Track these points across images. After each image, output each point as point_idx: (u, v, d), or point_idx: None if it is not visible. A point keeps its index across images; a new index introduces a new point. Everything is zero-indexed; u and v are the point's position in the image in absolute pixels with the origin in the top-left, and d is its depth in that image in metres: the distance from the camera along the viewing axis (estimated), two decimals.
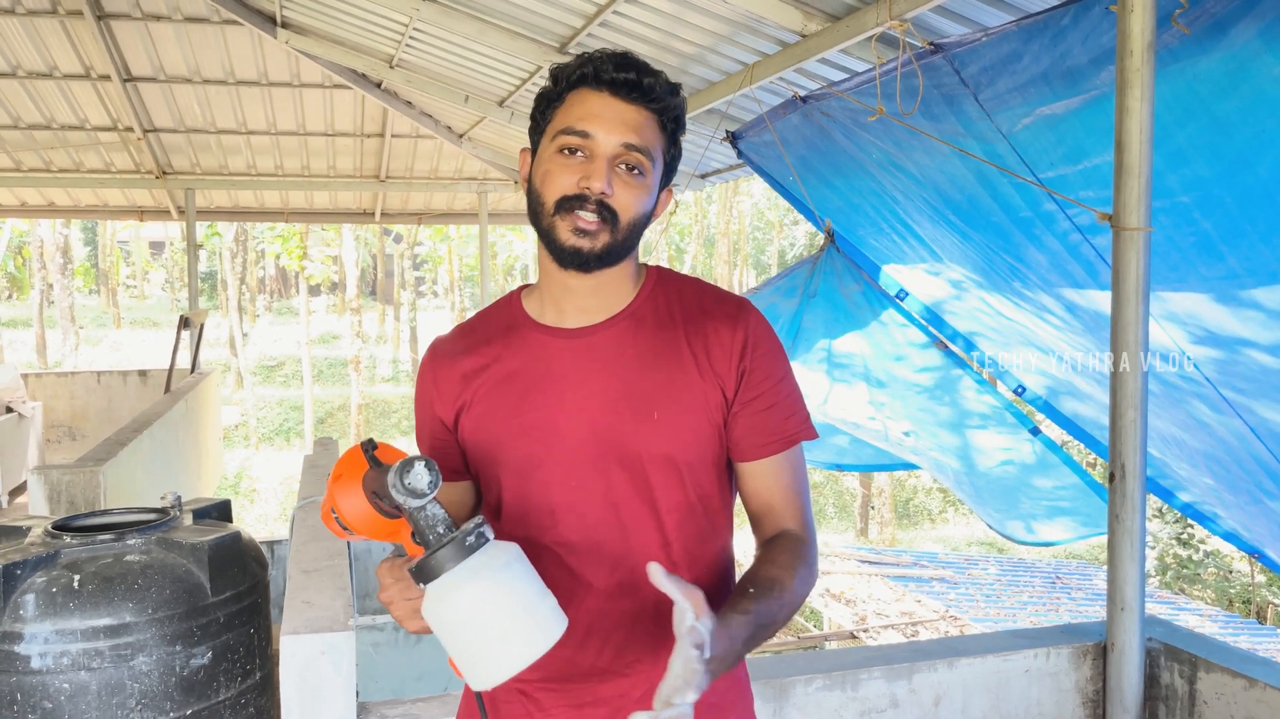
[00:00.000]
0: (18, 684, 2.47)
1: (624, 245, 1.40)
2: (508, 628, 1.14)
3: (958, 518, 24.16)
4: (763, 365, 1.45)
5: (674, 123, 1.44)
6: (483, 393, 1.46)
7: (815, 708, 2.62)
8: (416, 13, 6.26)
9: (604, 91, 1.38)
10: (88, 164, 10.99)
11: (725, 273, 32.83)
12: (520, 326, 1.49)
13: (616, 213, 1.37)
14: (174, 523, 2.88)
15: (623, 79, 1.38)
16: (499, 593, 1.14)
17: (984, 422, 5.25)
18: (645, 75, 1.39)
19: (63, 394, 11.96)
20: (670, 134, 1.44)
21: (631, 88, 1.38)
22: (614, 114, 1.37)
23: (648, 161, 1.38)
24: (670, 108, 1.42)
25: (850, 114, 4.01)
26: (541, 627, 1.16)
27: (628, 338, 1.44)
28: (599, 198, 1.36)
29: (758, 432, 1.46)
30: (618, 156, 1.37)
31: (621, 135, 1.37)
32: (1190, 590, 15.25)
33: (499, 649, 1.14)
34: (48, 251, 30.98)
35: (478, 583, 1.14)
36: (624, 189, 1.37)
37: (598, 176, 1.35)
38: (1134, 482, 2.63)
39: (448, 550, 1.14)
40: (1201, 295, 3.10)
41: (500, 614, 1.14)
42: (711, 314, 1.46)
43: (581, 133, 1.37)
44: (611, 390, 1.42)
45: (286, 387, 33.79)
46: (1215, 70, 2.51)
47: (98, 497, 5.47)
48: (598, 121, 1.37)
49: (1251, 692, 2.53)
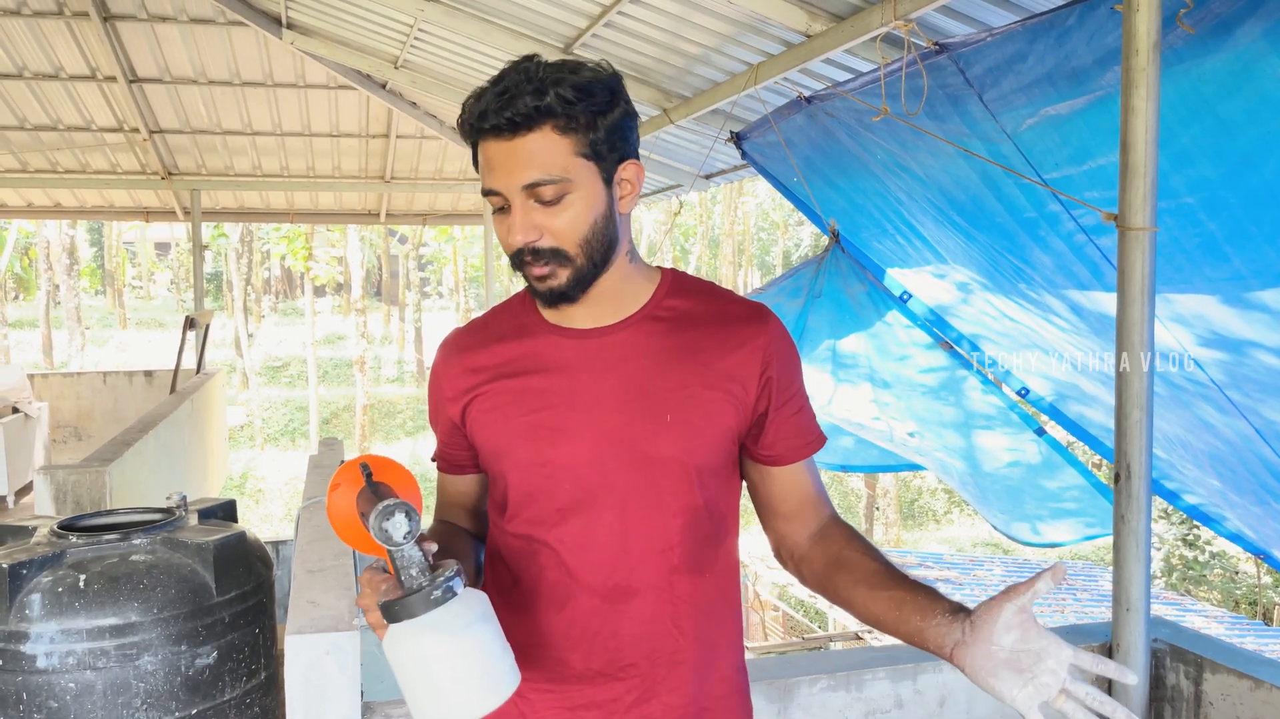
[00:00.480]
0: (24, 684, 2.48)
1: (591, 264, 1.37)
2: (455, 686, 1.18)
3: (963, 519, 24.14)
4: (787, 371, 1.46)
5: (576, 117, 1.32)
6: (492, 389, 1.46)
7: (820, 708, 2.62)
8: (421, 14, 6.27)
9: (489, 139, 1.33)
10: (94, 165, 11.02)
11: (730, 273, 32.83)
12: (532, 325, 1.48)
13: (557, 247, 1.35)
14: (179, 523, 2.88)
15: (494, 125, 1.31)
16: (453, 651, 1.18)
17: (989, 422, 5.25)
18: (510, 105, 1.30)
19: (69, 394, 11.99)
20: (582, 126, 1.32)
21: (506, 126, 1.31)
22: (506, 160, 1.32)
23: (562, 183, 1.32)
24: (556, 111, 1.31)
25: (855, 114, 4.01)
26: (489, 688, 1.20)
27: (642, 339, 1.43)
28: (530, 246, 1.35)
29: (792, 436, 1.47)
30: (529, 197, 1.33)
31: (519, 178, 1.32)
32: (1196, 592, 15.23)
33: (444, 702, 1.19)
34: (54, 252, 31.06)
35: (435, 637, 1.17)
36: (550, 219, 1.33)
37: (515, 230, 1.33)
38: (1139, 482, 2.63)
39: (414, 599, 1.18)
40: (1207, 297, 3.09)
41: (451, 671, 1.18)
42: (731, 319, 1.45)
43: (491, 190, 1.35)
44: (624, 391, 1.41)
45: (292, 387, 33.85)
46: (1220, 71, 2.50)
47: (103, 497, 5.48)
48: (496, 174, 1.33)
49: (1258, 693, 2.53)
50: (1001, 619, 1.21)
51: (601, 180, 1.36)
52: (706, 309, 1.47)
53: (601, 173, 1.36)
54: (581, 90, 1.32)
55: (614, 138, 1.36)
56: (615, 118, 1.36)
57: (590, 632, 1.43)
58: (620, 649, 1.43)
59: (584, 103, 1.32)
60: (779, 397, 1.45)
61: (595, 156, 1.34)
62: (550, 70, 1.32)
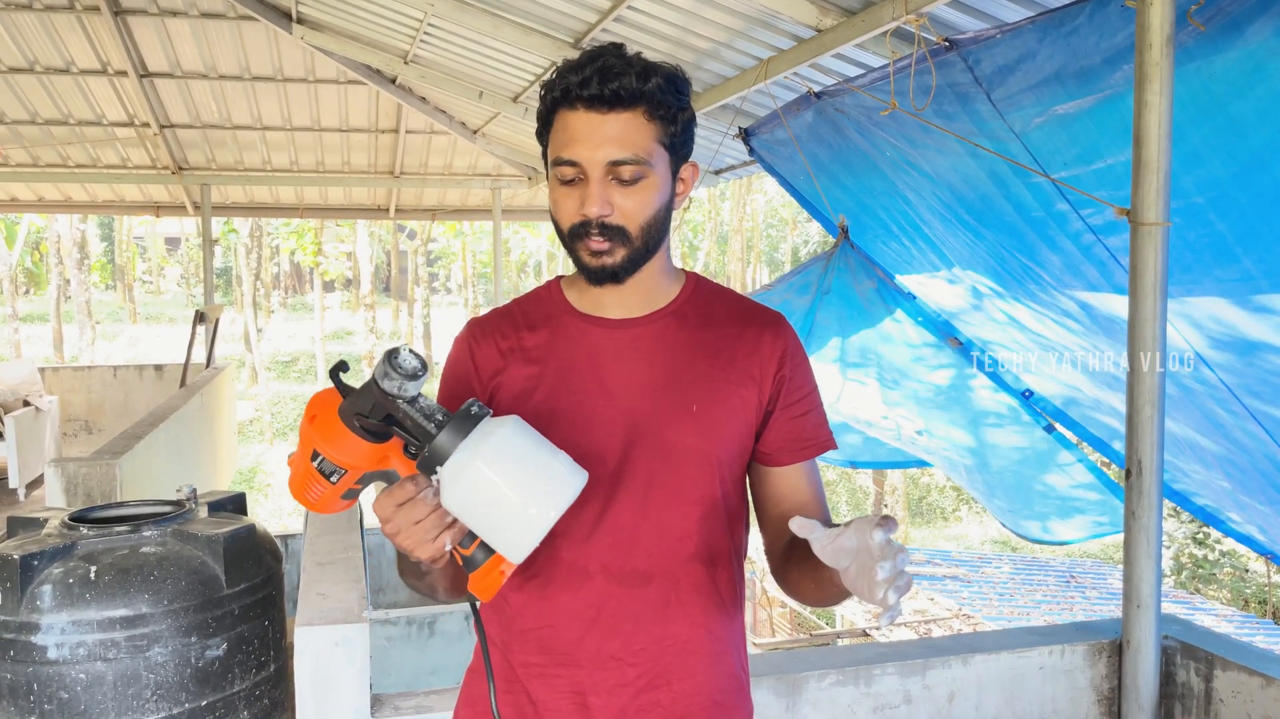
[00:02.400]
0: (34, 674, 2.50)
1: (645, 248, 1.42)
2: (531, 485, 1.14)
3: (971, 516, 24.09)
4: (799, 374, 1.51)
5: (666, 106, 1.39)
6: (521, 373, 1.48)
7: (829, 703, 2.62)
8: (431, 8, 6.27)
9: (579, 110, 1.37)
10: (104, 159, 11.05)
11: (738, 270, 32.78)
12: (562, 313, 1.51)
13: (623, 226, 1.39)
14: (189, 515, 2.89)
15: (591, 95, 1.35)
16: (512, 454, 1.14)
17: (999, 420, 5.23)
18: (615, 80, 1.35)
19: (79, 388, 12.02)
20: (667, 117, 1.39)
21: (605, 100, 1.35)
22: (594, 133, 1.36)
23: (643, 165, 1.37)
24: (653, 97, 1.37)
25: (864, 111, 4.00)
26: (563, 477, 1.17)
27: (670, 333, 1.48)
28: (600, 220, 1.38)
29: (796, 438, 1.51)
30: (609, 174, 1.37)
31: (606, 153, 1.36)
32: (1206, 590, 15.19)
33: (527, 509, 1.14)
34: (65, 247, 31.12)
35: (489, 448, 1.14)
36: (624, 199, 1.38)
37: (592, 202, 1.37)
38: (1150, 478, 2.63)
39: (451, 428, 1.14)
40: (1217, 298, 3.08)
41: (519, 473, 1.14)
42: (752, 321, 1.51)
43: (569, 161, 1.38)
44: (652, 381, 1.45)
45: (300, 382, 33.91)
46: (1231, 70, 2.50)
47: (114, 489, 5.50)
48: (580, 146, 1.37)
49: (1269, 689, 2.52)
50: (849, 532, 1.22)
51: (671, 172, 1.43)
52: (728, 312, 1.52)
53: (673, 164, 1.43)
54: (671, 83, 1.39)
55: (686, 134, 1.44)
56: (688, 117, 1.44)
57: (604, 615, 1.44)
58: (633, 634, 1.44)
59: (673, 96, 1.39)
60: (786, 398, 1.49)
61: (671, 148, 1.42)
62: (646, 67, 1.38)
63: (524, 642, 1.48)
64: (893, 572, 1.15)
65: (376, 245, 37.56)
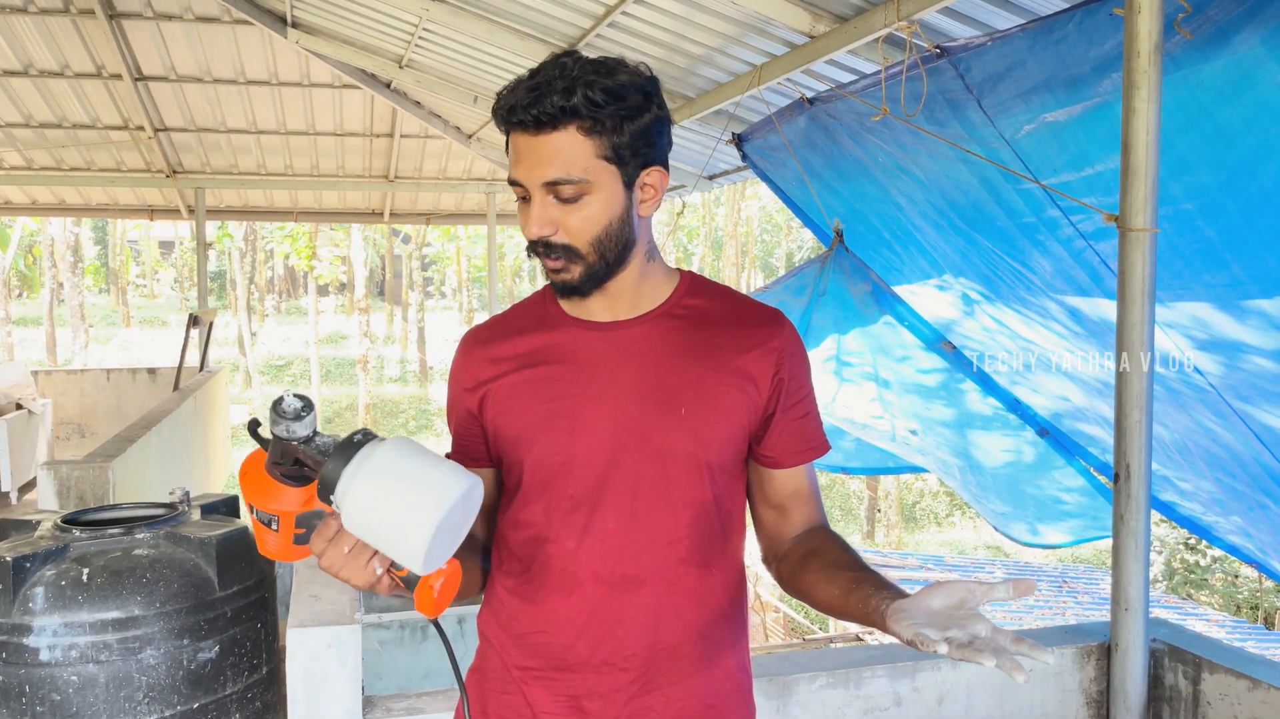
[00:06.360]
0: (26, 676, 2.50)
1: (603, 262, 1.40)
2: (409, 496, 1.17)
3: (964, 522, 24.11)
4: (798, 375, 1.50)
5: (602, 120, 1.34)
6: (511, 379, 1.48)
7: (819, 705, 2.63)
8: (426, 13, 6.29)
9: (517, 132, 1.36)
10: (99, 163, 11.05)
11: (733, 275, 32.80)
12: (552, 317, 1.51)
13: (570, 244, 1.38)
14: (182, 518, 2.90)
15: (522, 119, 1.34)
16: (389, 471, 1.18)
17: (987, 423, 5.25)
18: (541, 101, 1.31)
19: (72, 391, 12.01)
20: (607, 129, 1.34)
21: (535, 122, 1.33)
22: (530, 154, 1.35)
23: (581, 183, 1.35)
24: (582, 113, 1.32)
25: (856, 117, 4.02)
26: (442, 482, 1.19)
27: (660, 335, 1.47)
28: (543, 240, 1.38)
29: (796, 439, 1.50)
30: (548, 193, 1.36)
31: (540, 174, 1.35)
32: (1198, 595, 15.22)
33: (411, 516, 1.17)
34: (58, 250, 31.08)
35: (366, 470, 1.17)
36: (567, 217, 1.37)
37: (532, 223, 1.37)
38: (1138, 482, 2.64)
39: (334, 458, 1.18)
40: (1206, 303, 3.10)
41: (399, 487, 1.17)
42: (747, 320, 1.49)
43: (515, 181, 1.38)
44: (640, 384, 1.44)
45: (294, 386, 33.86)
46: (1218, 77, 2.51)
47: (107, 492, 5.50)
48: (519, 167, 1.37)
49: (1255, 693, 2.54)
50: (942, 591, 1.19)
51: (622, 184, 1.38)
52: (723, 310, 1.50)
53: (623, 176, 1.38)
54: (611, 93, 1.33)
55: (639, 143, 1.37)
56: (644, 123, 1.37)
57: (596, 620, 1.44)
58: (625, 639, 1.45)
59: (612, 106, 1.33)
60: (787, 399, 1.48)
61: (618, 160, 1.36)
62: (585, 70, 1.33)
63: (520, 646, 1.49)
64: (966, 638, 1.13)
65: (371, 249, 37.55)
